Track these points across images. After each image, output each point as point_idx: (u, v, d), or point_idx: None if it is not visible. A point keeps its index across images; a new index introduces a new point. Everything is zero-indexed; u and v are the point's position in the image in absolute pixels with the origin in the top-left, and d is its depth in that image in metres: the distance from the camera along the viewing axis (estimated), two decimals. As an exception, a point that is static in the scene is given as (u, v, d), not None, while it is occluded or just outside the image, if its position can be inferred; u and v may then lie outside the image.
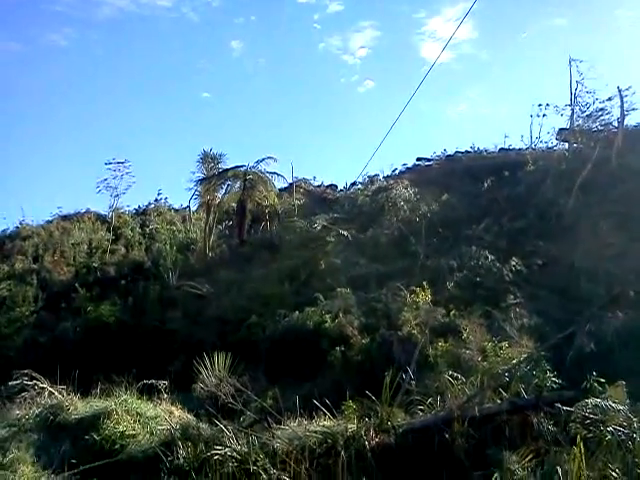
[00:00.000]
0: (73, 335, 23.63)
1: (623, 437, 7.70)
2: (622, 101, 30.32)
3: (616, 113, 30.83)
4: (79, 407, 10.32)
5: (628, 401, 8.83)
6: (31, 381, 10.78)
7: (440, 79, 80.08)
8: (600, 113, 31.13)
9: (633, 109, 31.14)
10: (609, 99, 30.70)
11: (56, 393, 10.64)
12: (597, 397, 8.73)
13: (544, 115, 34.31)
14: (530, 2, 73.76)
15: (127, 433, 9.36)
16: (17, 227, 37.57)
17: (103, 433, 9.28)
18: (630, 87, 30.48)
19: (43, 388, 10.71)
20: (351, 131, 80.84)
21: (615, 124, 30.82)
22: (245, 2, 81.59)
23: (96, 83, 76.72)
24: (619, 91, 30.24)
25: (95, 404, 10.41)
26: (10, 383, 10.99)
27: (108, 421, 9.54)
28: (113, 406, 9.95)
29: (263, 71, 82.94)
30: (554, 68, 72.50)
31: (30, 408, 10.21)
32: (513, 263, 21.07)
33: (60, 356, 18.07)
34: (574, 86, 31.25)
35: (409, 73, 72.70)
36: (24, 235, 36.16)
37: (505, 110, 75.77)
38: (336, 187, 43.67)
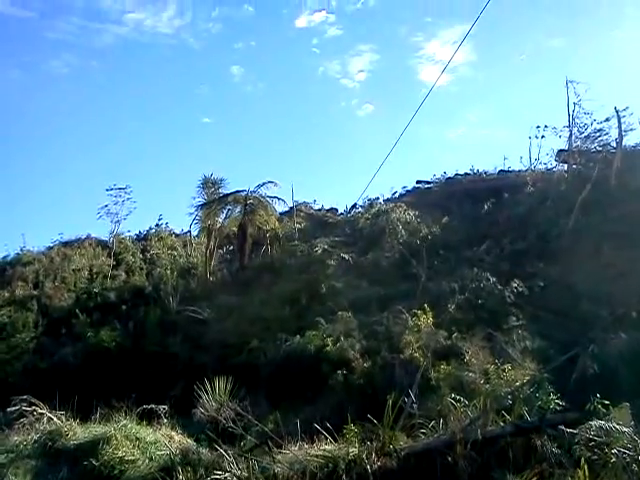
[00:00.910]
0: (73, 360, 23.49)
1: (628, 459, 7.60)
2: (620, 122, 30.53)
3: (614, 134, 31.05)
4: (78, 432, 10.23)
5: (633, 423, 8.73)
6: (30, 407, 10.71)
7: (439, 102, 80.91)
8: (598, 134, 31.38)
9: (631, 129, 31.33)
10: (607, 120, 30.95)
11: (55, 419, 10.56)
12: (601, 419, 8.64)
13: (543, 137, 34.50)
14: (528, 23, 74.58)
15: (126, 458, 9.26)
16: (18, 253, 37.67)
17: (102, 459, 9.18)
18: (627, 108, 30.75)
19: (42, 414, 10.63)
20: (351, 154, 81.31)
21: (613, 144, 31.00)
22: (245, 28, 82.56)
23: (97, 110, 77.35)
24: (616, 112, 30.46)
25: (94, 429, 10.32)
26: (9, 409, 10.91)
27: (107, 446, 9.44)
28: (112, 431, 9.86)
29: (263, 95, 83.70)
30: (552, 89, 72.88)
31: (29, 434, 10.12)
32: (514, 285, 20.99)
33: (60, 381, 17.97)
34: (571, 107, 31.54)
35: (408, 96, 73.35)
36: (25, 261, 36.23)
37: (504, 132, 76.09)
38: (337, 210, 43.86)
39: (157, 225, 44.63)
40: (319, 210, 45.41)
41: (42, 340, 26.35)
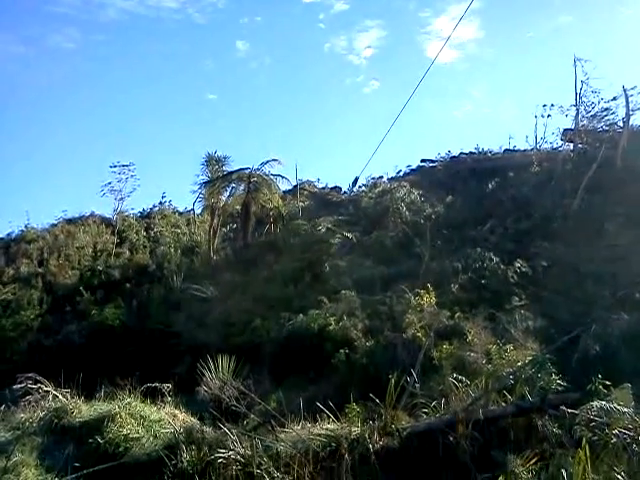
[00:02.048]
0: (78, 338, 23.66)
1: (629, 440, 7.65)
2: (627, 101, 30.30)
3: (621, 113, 30.84)
4: (83, 410, 10.30)
5: (633, 403, 8.78)
6: (35, 384, 10.77)
7: (446, 79, 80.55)
8: (605, 113, 31.17)
9: (638, 109, 31.12)
10: (614, 99, 30.77)
11: (60, 396, 10.63)
12: (602, 400, 8.69)
13: (549, 115, 34.42)
14: (536, 0, 73.78)
15: (131, 436, 9.33)
16: (22, 230, 37.77)
17: (107, 436, 9.25)
18: (635, 87, 30.50)
19: (47, 391, 10.69)
20: (356, 132, 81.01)
21: (620, 124, 30.77)
22: (250, 2, 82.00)
23: (100, 85, 77.30)
24: (624, 91, 30.21)
25: (99, 407, 10.39)
26: (14, 387, 10.98)
27: (112, 424, 9.51)
28: (117, 409, 9.92)
29: (268, 71, 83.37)
30: (559, 67, 72.52)
31: (34, 411, 10.21)
32: (518, 265, 21.01)
33: (65, 359, 18.14)
34: (579, 86, 31.28)
35: (415, 73, 72.93)
36: (29, 239, 36.34)
37: (510, 110, 75.84)
38: (340, 189, 43.75)
39: (161, 203, 44.66)
40: (323, 189, 45.34)
41: (47, 318, 26.53)
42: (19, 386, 10.81)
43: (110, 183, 39.47)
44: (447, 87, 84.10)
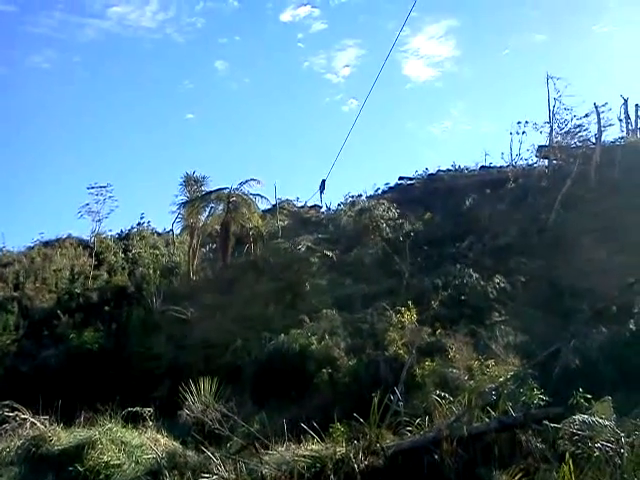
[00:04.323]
0: (55, 363, 23.19)
1: (611, 452, 7.70)
2: (599, 117, 30.97)
3: (593, 129, 31.46)
4: (62, 437, 10.10)
5: (614, 416, 8.85)
6: (12, 412, 10.57)
7: (424, 97, 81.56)
8: (578, 130, 31.81)
9: (610, 125, 31.93)
10: (586, 115, 31.39)
11: (38, 424, 10.43)
12: (584, 413, 8.74)
13: (524, 132, 34.84)
14: (511, 18, 75.48)
15: (112, 463, 9.17)
16: (-3, 254, 37.15)
17: (87, 464, 9.08)
18: (606, 104, 31.24)
19: (25, 419, 10.49)
20: (335, 150, 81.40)
21: (593, 140, 31.38)
22: (229, 22, 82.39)
23: (78, 106, 76.78)
24: (596, 108, 30.90)
25: (79, 434, 10.19)
26: (-9, 415, 10.74)
27: (92, 451, 9.34)
28: (97, 435, 9.75)
29: (247, 91, 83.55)
30: (534, 84, 74.06)
31: (11, 440, 9.99)
32: (497, 280, 21.20)
33: (42, 385, 17.78)
34: (552, 103, 31.93)
35: (392, 91, 73.69)
36: (4, 262, 35.73)
37: (487, 127, 76.99)
38: (320, 208, 43.78)
39: (139, 224, 44.18)
40: (302, 207, 45.36)
41: (23, 343, 26.00)
42: (-5, 414, 10.59)
43: (87, 204, 38.96)
44: (425, 105, 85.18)
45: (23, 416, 10.51)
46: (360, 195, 40.46)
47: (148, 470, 8.90)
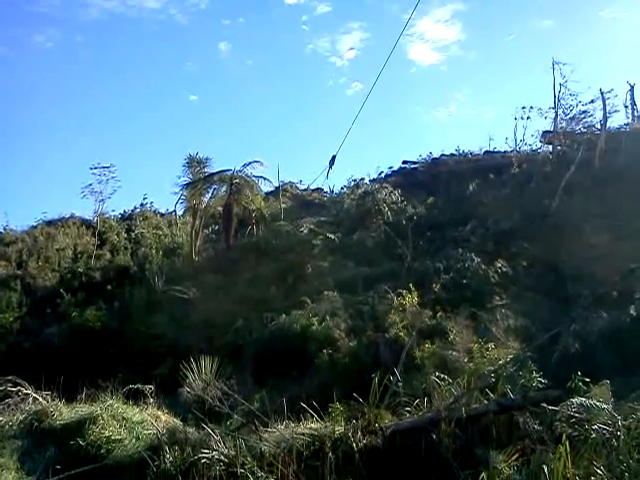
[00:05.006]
0: (58, 340, 23.36)
1: (607, 435, 7.74)
2: (604, 104, 30.82)
3: (599, 115, 31.29)
4: (64, 413, 10.20)
5: (612, 400, 8.90)
6: (15, 387, 10.66)
7: (429, 81, 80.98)
8: (583, 116, 31.67)
9: (615, 111, 31.70)
10: (592, 101, 31.24)
11: (40, 399, 10.52)
12: (582, 397, 8.78)
13: (528, 118, 34.71)
14: (518, 4, 74.58)
15: (113, 438, 9.26)
16: (1, 232, 37.25)
17: (89, 438, 9.17)
18: (612, 90, 31.02)
19: (27, 394, 10.58)
20: (338, 134, 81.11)
21: (598, 126, 31.21)
22: (233, 4, 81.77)
23: (81, 85, 76.57)
24: (601, 94, 30.71)
25: (80, 409, 10.29)
26: (-6, 390, 10.84)
27: (94, 426, 9.43)
28: (99, 411, 9.84)
29: (251, 73, 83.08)
30: (540, 70, 73.48)
31: (14, 414, 10.07)
32: (499, 265, 21.23)
33: (45, 362, 17.90)
34: (557, 89, 31.67)
35: (397, 75, 73.21)
36: (8, 241, 35.84)
37: (492, 112, 76.57)
38: (322, 191, 43.73)
39: (142, 204, 44.27)
40: (305, 190, 45.29)
41: (26, 320, 26.15)
42: (-2, 389, 10.68)
43: (90, 185, 39.02)
44: (430, 89, 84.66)
45: (26, 391, 10.60)
46: (363, 179, 40.43)
47: (149, 445, 8.98)
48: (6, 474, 8.14)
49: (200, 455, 8.09)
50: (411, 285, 18.01)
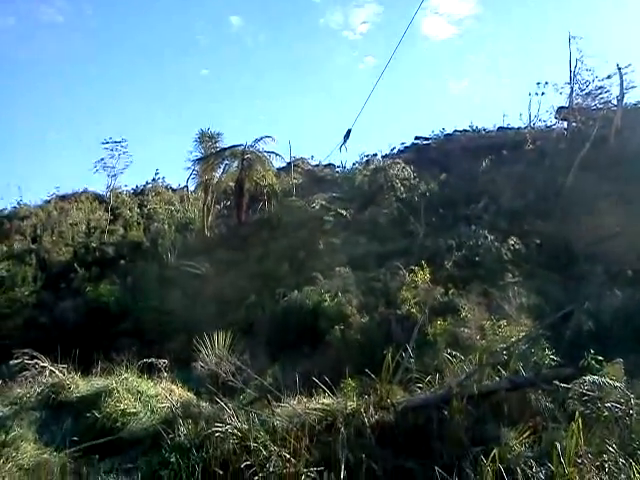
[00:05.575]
0: (73, 315, 23.67)
1: (620, 413, 7.76)
2: (621, 79, 30.25)
3: (615, 91, 30.75)
4: (80, 386, 10.35)
5: (625, 378, 8.89)
6: (32, 360, 10.80)
7: (444, 56, 79.88)
8: (599, 91, 31.13)
9: (632, 87, 31.11)
10: (608, 77, 30.66)
11: (57, 372, 10.66)
12: (595, 374, 8.78)
13: (543, 93, 34.24)
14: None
15: (128, 411, 9.39)
16: (15, 207, 37.59)
17: (104, 411, 9.31)
18: (630, 65, 30.40)
19: (44, 367, 10.72)
20: (350, 108, 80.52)
21: (614, 102, 30.70)
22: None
23: (91, 59, 76.38)
24: (618, 69, 30.14)
25: (96, 383, 10.44)
26: (11, 362, 11.00)
27: (109, 399, 9.56)
28: (114, 384, 9.97)
29: (262, 47, 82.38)
30: (556, 43, 72.18)
31: (31, 387, 10.24)
32: (512, 242, 21.13)
33: (60, 335, 18.12)
34: (573, 64, 31.13)
35: (410, 49, 72.28)
36: (22, 215, 36.16)
37: (506, 87, 75.53)
38: (334, 166, 43.56)
39: (154, 180, 44.48)
40: (316, 166, 45.14)
41: (41, 294, 26.51)
42: (15, 362, 10.83)
43: (102, 160, 39.24)
44: (444, 64, 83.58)
45: (42, 364, 10.74)
46: (375, 154, 40.22)
47: (163, 419, 9.09)
48: (25, 445, 8.28)
49: (214, 429, 8.16)
50: (423, 262, 17.98)
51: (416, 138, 43.48)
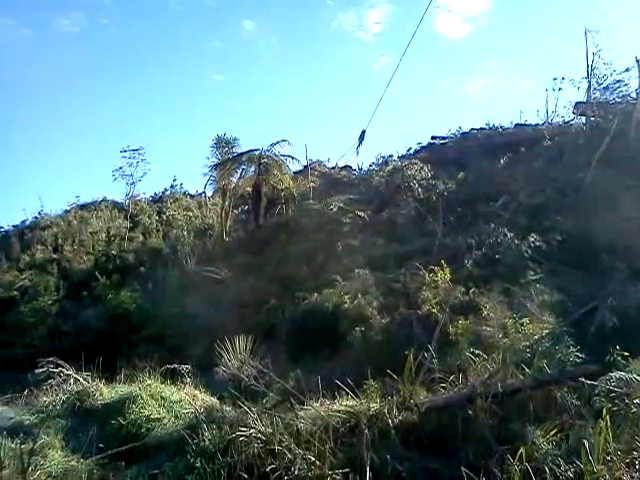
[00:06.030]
0: (95, 322, 23.92)
1: (649, 410, 7.65)
2: (640, 72, 29.78)
3: (634, 84, 30.32)
4: (104, 393, 10.46)
5: (652, 374, 8.76)
6: (56, 368, 10.93)
7: (458, 54, 79.49)
8: (617, 85, 30.67)
9: (651, 79, 30.56)
10: (627, 70, 30.21)
11: (81, 380, 10.78)
12: (621, 370, 8.66)
13: (560, 89, 33.90)
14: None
15: (152, 417, 9.47)
16: (36, 217, 38.22)
17: (129, 417, 9.39)
18: (648, 57, 29.92)
19: (69, 375, 10.85)
20: (365, 109, 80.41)
21: (633, 96, 30.28)
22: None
23: (108, 69, 77.14)
24: (637, 62, 29.70)
25: (120, 389, 10.55)
26: (36, 371, 11.15)
27: (133, 406, 9.65)
28: (138, 391, 10.07)
29: (276, 50, 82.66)
30: (572, 38, 71.49)
31: (57, 395, 10.38)
32: (532, 239, 20.90)
33: (83, 343, 18.37)
34: (590, 58, 30.76)
35: (423, 48, 71.97)
36: (43, 225, 36.70)
37: (522, 84, 74.94)
38: (351, 168, 43.53)
39: (172, 186, 44.90)
40: (333, 168, 45.14)
41: (64, 303, 26.87)
42: (41, 370, 10.97)
43: (121, 168, 39.68)
44: (459, 63, 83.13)
45: (67, 372, 10.87)
46: (391, 155, 40.15)
47: (187, 424, 9.13)
48: (52, 452, 8.37)
49: (238, 433, 8.17)
50: (443, 261, 17.86)
51: (432, 138, 43.35)
